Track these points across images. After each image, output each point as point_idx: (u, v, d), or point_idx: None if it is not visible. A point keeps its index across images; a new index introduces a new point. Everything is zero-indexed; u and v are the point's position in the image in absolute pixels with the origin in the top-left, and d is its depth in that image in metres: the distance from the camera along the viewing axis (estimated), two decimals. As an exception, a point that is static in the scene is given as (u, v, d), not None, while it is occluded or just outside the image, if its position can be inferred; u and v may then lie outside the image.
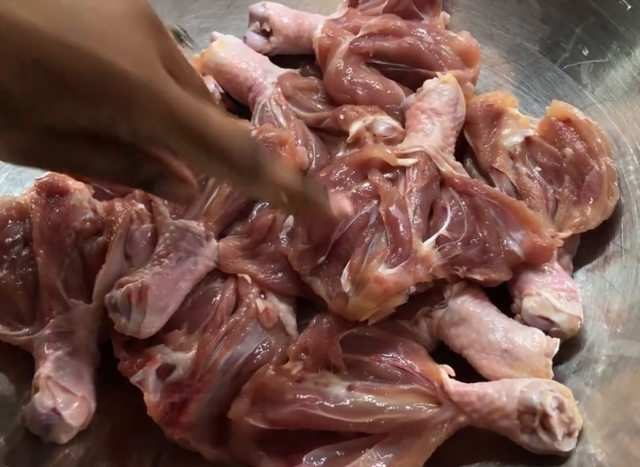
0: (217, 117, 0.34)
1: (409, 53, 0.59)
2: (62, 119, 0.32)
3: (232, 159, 0.35)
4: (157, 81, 0.33)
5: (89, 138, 0.33)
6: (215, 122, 0.34)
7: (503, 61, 0.64)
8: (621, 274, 0.51)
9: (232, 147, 0.35)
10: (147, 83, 0.32)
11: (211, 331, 0.49)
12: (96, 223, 0.53)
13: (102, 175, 0.37)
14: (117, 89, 0.31)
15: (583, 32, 0.60)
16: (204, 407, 0.47)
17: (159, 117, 0.33)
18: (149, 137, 0.33)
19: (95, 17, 0.31)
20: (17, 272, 0.52)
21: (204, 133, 0.34)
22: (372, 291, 0.46)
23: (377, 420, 0.44)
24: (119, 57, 0.31)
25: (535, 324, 0.48)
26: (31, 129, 0.32)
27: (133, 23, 0.33)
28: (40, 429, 0.47)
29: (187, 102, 0.34)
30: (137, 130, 0.33)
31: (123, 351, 0.49)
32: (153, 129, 0.33)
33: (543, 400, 0.42)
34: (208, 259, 0.51)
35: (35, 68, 0.30)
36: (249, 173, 0.36)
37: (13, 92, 0.30)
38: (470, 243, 0.50)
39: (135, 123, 0.32)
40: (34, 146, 0.33)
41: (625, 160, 0.55)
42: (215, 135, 0.34)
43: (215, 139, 0.34)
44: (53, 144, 0.33)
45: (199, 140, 0.34)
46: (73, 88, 0.31)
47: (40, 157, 0.34)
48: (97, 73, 0.31)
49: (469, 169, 0.57)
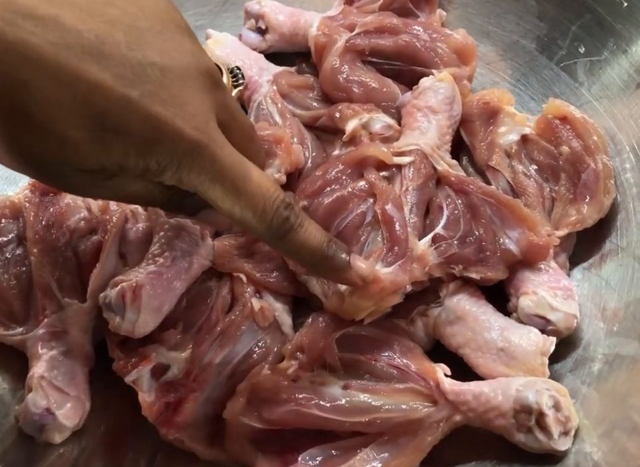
0: (255, 177, 0.37)
1: (405, 50, 0.59)
2: (115, 163, 0.34)
3: (263, 217, 0.38)
4: (211, 143, 0.35)
5: (133, 177, 0.36)
6: (253, 181, 0.37)
7: (500, 58, 0.64)
8: (617, 272, 0.51)
9: (265, 208, 0.38)
10: (202, 144, 0.35)
11: (206, 331, 0.49)
12: (90, 222, 0.53)
13: (146, 204, 0.42)
14: (172, 146, 0.34)
15: (579, 29, 0.60)
16: (199, 406, 0.47)
17: (204, 173, 0.36)
18: (191, 187, 0.36)
19: (161, 77, 0.33)
20: (11, 271, 0.52)
21: (242, 191, 0.37)
22: (368, 290, 0.46)
23: (373, 419, 0.44)
24: (179, 118, 0.34)
25: (531, 323, 0.48)
26: (87, 170, 0.34)
27: (196, 82, 0.35)
28: (34, 429, 0.47)
29: (233, 161, 0.37)
30: (181, 179, 0.36)
31: (117, 351, 0.48)
32: (197, 181, 0.36)
33: (539, 399, 0.42)
34: (203, 258, 0.51)
35: (97, 120, 0.32)
36: (275, 231, 0.38)
37: (75, 139, 0.32)
38: (466, 242, 0.50)
39: (181, 175, 0.35)
40: (89, 183, 0.35)
41: (621, 158, 0.55)
42: (251, 194, 0.37)
43: (250, 197, 0.37)
44: (102, 181, 0.35)
45: (236, 196, 0.37)
46: (130, 140, 0.33)
47: (92, 193, 0.38)
48: (155, 130, 0.33)
49: (465, 167, 0.57)
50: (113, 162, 0.34)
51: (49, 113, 0.31)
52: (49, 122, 0.31)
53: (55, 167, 0.33)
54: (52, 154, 0.33)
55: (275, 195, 0.38)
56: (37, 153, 0.33)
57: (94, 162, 0.33)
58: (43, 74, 0.30)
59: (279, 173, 0.54)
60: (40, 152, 0.33)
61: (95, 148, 0.33)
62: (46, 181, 0.36)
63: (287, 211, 0.38)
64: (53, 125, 0.31)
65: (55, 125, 0.31)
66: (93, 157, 0.33)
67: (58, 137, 0.32)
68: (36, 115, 0.31)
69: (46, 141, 0.32)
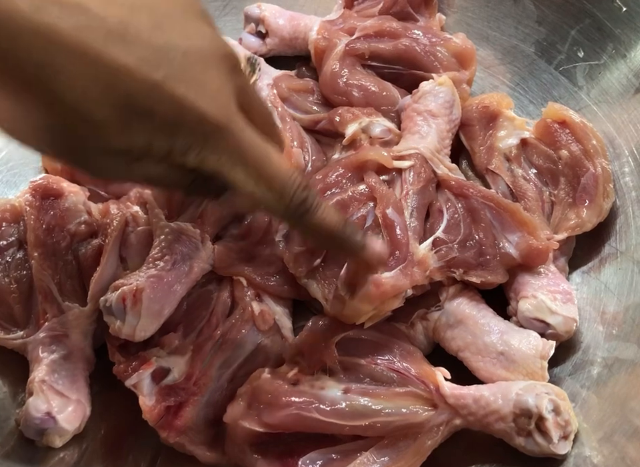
0: (275, 159, 0.38)
1: (404, 54, 0.59)
2: (141, 145, 0.35)
3: (282, 198, 0.39)
4: (232, 124, 0.36)
5: (157, 160, 0.36)
6: (273, 163, 0.38)
7: (499, 62, 0.64)
8: (616, 276, 0.52)
9: (285, 189, 0.38)
10: (224, 125, 0.36)
11: (206, 334, 0.49)
12: (91, 226, 0.53)
13: (169, 187, 0.43)
14: (196, 127, 0.35)
15: (578, 34, 0.60)
16: (199, 410, 0.47)
17: (227, 154, 0.37)
18: (213, 168, 0.37)
19: (183, 59, 0.34)
20: (11, 275, 0.52)
21: (263, 172, 0.38)
22: (369, 293, 0.46)
23: (373, 423, 0.44)
24: (201, 100, 0.34)
25: (530, 326, 0.48)
26: (114, 152, 0.35)
27: (216, 65, 0.36)
28: (34, 433, 0.47)
29: (254, 142, 0.37)
30: (204, 161, 0.36)
31: (117, 355, 0.48)
32: (219, 163, 0.37)
33: (539, 403, 0.42)
34: (203, 262, 0.51)
35: (123, 102, 0.33)
36: (294, 211, 0.39)
37: (103, 121, 0.33)
38: (466, 246, 0.50)
39: (204, 156, 0.36)
40: (115, 166, 0.36)
41: (620, 162, 0.55)
42: (271, 175, 0.38)
43: (270, 178, 0.38)
44: (128, 164, 0.36)
45: (257, 177, 0.38)
46: (155, 122, 0.34)
47: (117, 176, 0.38)
48: (179, 112, 0.34)
49: (465, 171, 0.57)
50: (138, 143, 0.35)
51: (77, 96, 0.32)
52: (78, 105, 0.32)
53: (82, 150, 0.35)
54: (80, 136, 0.34)
55: (293, 176, 0.39)
56: (66, 135, 0.34)
57: (121, 144, 0.34)
58: (69, 58, 0.31)
59: (279, 176, 0.54)
60: (69, 134, 0.34)
61: (122, 130, 0.33)
62: (73, 163, 0.37)
63: (305, 191, 0.39)
64: (81, 107, 0.32)
65: (83, 108, 0.32)
66: (120, 139, 0.34)
67: (86, 119, 0.33)
68: (65, 98, 0.32)
69: (75, 123, 0.33)
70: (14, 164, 0.60)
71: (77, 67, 0.31)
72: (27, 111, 0.33)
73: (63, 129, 0.33)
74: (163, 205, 0.52)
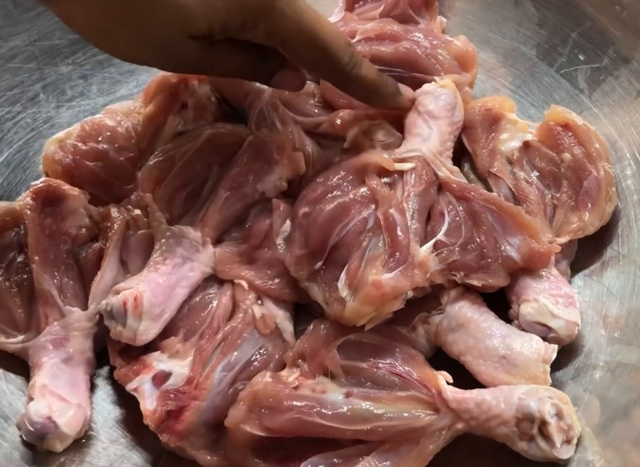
0: (325, 22, 0.47)
1: (405, 57, 0.59)
2: (219, 23, 0.42)
3: (337, 57, 0.47)
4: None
5: (227, 43, 0.45)
6: (326, 25, 0.47)
7: (500, 65, 0.64)
8: (618, 279, 0.51)
9: (338, 47, 0.47)
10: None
11: (207, 338, 0.49)
12: (91, 229, 0.53)
13: (234, 73, 0.50)
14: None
15: (579, 37, 0.60)
16: (200, 414, 0.47)
17: (289, 21, 0.44)
18: (280, 37, 0.45)
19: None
20: (12, 279, 0.52)
21: (318, 34, 0.46)
22: (369, 295, 0.46)
23: (375, 427, 0.44)
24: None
25: (532, 330, 0.48)
26: (195, 36, 0.42)
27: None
28: (35, 438, 0.46)
29: (307, 7, 0.46)
30: (271, 32, 0.44)
31: (118, 359, 0.48)
32: (283, 31, 0.44)
33: (541, 407, 0.42)
34: (204, 265, 0.51)
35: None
36: (346, 67, 0.48)
37: (187, 3, 0.40)
38: (467, 249, 0.50)
39: (272, 27, 0.44)
40: (194, 51, 0.44)
41: (622, 165, 0.55)
42: (325, 36, 0.46)
43: (325, 39, 0.46)
44: (206, 48, 0.44)
45: (314, 39, 0.46)
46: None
47: (192, 64, 0.46)
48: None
49: (467, 173, 0.57)
50: (218, 21, 0.42)
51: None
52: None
53: (168, 37, 0.42)
54: (166, 23, 0.41)
55: (341, 36, 0.47)
56: (154, 24, 0.41)
57: (202, 24, 0.41)
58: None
59: (280, 179, 0.54)
60: (157, 22, 0.40)
61: (203, 9, 0.40)
62: (156, 55, 0.44)
63: (350, 47, 0.48)
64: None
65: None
66: (202, 19, 0.41)
67: (172, 4, 0.40)
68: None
69: (161, 10, 0.40)
70: (14, 167, 0.60)
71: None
72: (114, 9, 0.40)
73: (151, 18, 0.40)
74: (164, 209, 0.52)
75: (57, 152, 0.56)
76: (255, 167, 0.53)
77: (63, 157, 0.56)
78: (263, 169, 0.53)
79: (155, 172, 0.53)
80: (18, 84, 0.63)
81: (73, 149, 0.56)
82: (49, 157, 0.56)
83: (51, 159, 0.56)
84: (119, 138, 0.57)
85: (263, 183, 0.53)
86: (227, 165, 0.54)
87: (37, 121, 0.62)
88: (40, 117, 0.63)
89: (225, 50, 0.45)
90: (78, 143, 0.56)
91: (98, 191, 0.56)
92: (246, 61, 0.48)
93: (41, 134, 0.62)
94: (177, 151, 0.54)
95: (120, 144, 0.57)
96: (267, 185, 0.53)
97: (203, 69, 0.49)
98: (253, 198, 0.53)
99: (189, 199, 0.53)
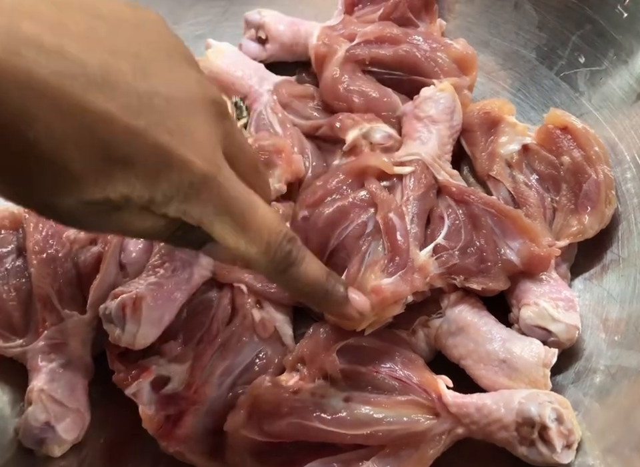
0: (260, 210, 0.37)
1: (405, 60, 0.59)
2: (120, 195, 0.33)
3: (267, 251, 0.37)
4: (218, 174, 0.34)
5: (138, 209, 0.34)
6: (258, 214, 0.37)
7: (499, 68, 0.64)
8: (618, 283, 0.51)
9: (270, 241, 0.37)
10: (209, 175, 0.34)
11: (206, 342, 0.49)
12: (90, 233, 0.53)
13: (150, 238, 0.42)
14: (179, 177, 0.33)
15: (579, 39, 0.60)
16: (199, 419, 0.47)
17: (211, 205, 0.35)
18: (196, 220, 0.35)
19: (167, 106, 0.32)
20: (10, 283, 0.51)
21: (247, 224, 0.36)
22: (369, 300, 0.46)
23: (375, 432, 0.44)
24: (186, 148, 0.33)
25: (532, 334, 0.48)
26: (91, 203, 0.32)
27: (203, 111, 0.34)
28: (33, 443, 0.46)
29: (239, 193, 0.36)
30: (186, 212, 0.35)
31: (117, 363, 0.48)
32: (203, 214, 0.35)
33: (542, 412, 0.42)
34: (203, 269, 0.51)
35: (103, 151, 0.31)
36: (278, 264, 0.38)
37: (81, 170, 0.31)
38: (467, 252, 0.50)
39: (186, 207, 0.34)
40: (92, 217, 0.34)
41: (622, 168, 0.55)
42: (255, 227, 0.36)
43: (255, 231, 0.37)
44: (106, 214, 0.34)
45: (241, 230, 0.36)
46: (136, 171, 0.32)
47: (95, 227, 0.36)
48: (161, 161, 0.32)
49: (466, 177, 0.57)
50: (117, 193, 0.32)
51: (54, 144, 0.30)
52: (55, 153, 0.30)
53: (58, 200, 0.32)
54: (56, 186, 0.31)
55: (279, 228, 0.38)
56: (40, 185, 0.31)
57: (99, 194, 0.32)
58: (47, 104, 0.29)
59: (279, 183, 0.54)
60: (44, 184, 0.31)
61: (100, 179, 0.32)
62: (48, 215, 0.34)
63: (289, 244, 0.38)
64: (58, 156, 0.30)
65: (61, 157, 0.30)
66: (98, 189, 0.32)
67: (63, 169, 0.31)
68: (41, 147, 0.30)
69: (51, 173, 0.31)
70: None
71: (55, 114, 0.29)
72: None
73: (38, 181, 0.31)
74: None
75: (56, 155, 0.56)
76: (255, 170, 0.53)
77: (62, 160, 0.56)
78: (262, 172, 0.53)
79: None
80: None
81: (72, 152, 0.56)
82: (47, 160, 0.56)
83: (50, 162, 0.56)
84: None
85: (262, 186, 0.53)
86: (226, 168, 0.53)
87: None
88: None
89: (135, 216, 0.35)
90: (76, 146, 0.56)
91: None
92: (165, 230, 0.36)
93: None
94: (176, 154, 0.54)
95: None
96: (266, 188, 0.53)
97: (112, 232, 0.42)
98: (253, 201, 0.53)
99: (188, 203, 0.53)
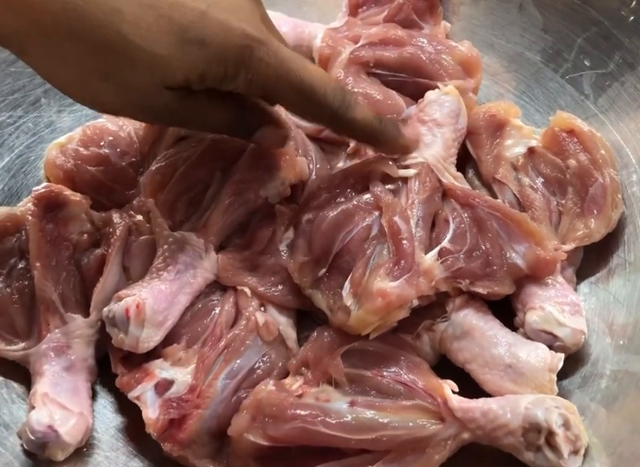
0: (311, 66, 0.45)
1: (409, 62, 0.58)
2: (198, 73, 0.41)
3: (326, 101, 0.44)
4: (270, 40, 0.43)
5: (207, 95, 0.43)
6: (311, 70, 0.44)
7: (504, 70, 0.64)
8: (625, 287, 0.51)
9: (326, 90, 0.44)
10: (264, 40, 0.42)
11: (210, 345, 0.49)
12: (93, 235, 0.52)
13: (214, 126, 0.48)
14: (243, 47, 0.41)
15: (584, 42, 0.60)
16: (203, 423, 0.46)
17: (271, 68, 0.42)
18: (261, 86, 0.43)
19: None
20: (13, 285, 0.51)
21: (304, 80, 0.43)
22: (374, 304, 0.45)
23: (380, 437, 0.44)
24: (243, 22, 0.41)
25: (538, 338, 0.48)
26: (173, 87, 0.41)
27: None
28: (36, 446, 0.46)
29: (291, 54, 0.44)
30: (252, 81, 0.42)
31: (120, 366, 0.48)
32: (266, 78, 0.42)
33: (548, 417, 0.42)
34: (207, 272, 0.51)
35: (180, 34, 0.39)
36: (338, 111, 0.45)
37: (165, 54, 0.39)
38: (472, 256, 0.49)
39: (252, 75, 0.42)
40: (172, 103, 0.42)
41: (628, 171, 0.54)
42: (312, 81, 0.44)
43: (311, 84, 0.44)
44: (183, 100, 0.42)
45: (300, 85, 0.43)
46: (208, 48, 0.40)
47: (171, 116, 0.44)
48: (227, 35, 0.41)
49: (471, 180, 0.56)
50: (196, 72, 0.40)
51: (142, 33, 0.38)
52: (143, 41, 0.38)
53: (146, 89, 0.40)
54: (145, 74, 0.39)
55: (330, 78, 0.45)
56: (132, 76, 0.39)
57: (180, 75, 0.40)
58: (133, 1, 0.38)
59: (282, 185, 0.53)
60: (134, 74, 0.39)
61: (181, 60, 0.39)
62: (136, 108, 0.42)
63: (342, 91, 0.45)
64: (145, 43, 0.38)
65: (148, 43, 0.38)
66: (180, 70, 0.40)
67: (151, 53, 0.39)
68: (132, 37, 0.38)
69: (140, 62, 0.39)
70: (15, 172, 0.60)
71: (138, 7, 0.38)
72: (94, 64, 0.39)
73: (129, 71, 0.39)
74: (166, 214, 0.52)
75: (59, 157, 0.56)
76: (258, 172, 0.53)
77: (65, 161, 0.56)
78: (265, 175, 0.53)
79: (157, 177, 0.53)
80: (19, 88, 0.62)
81: (75, 154, 0.56)
82: (50, 162, 0.56)
83: (53, 163, 0.56)
84: (121, 143, 0.56)
85: (265, 188, 0.53)
86: (229, 171, 0.53)
87: (39, 126, 0.62)
88: (41, 121, 0.62)
89: (205, 102, 0.44)
90: (79, 148, 0.56)
91: (100, 197, 0.55)
92: (226, 115, 0.46)
93: (43, 139, 0.61)
94: (179, 156, 0.53)
95: (122, 149, 0.56)
96: (269, 190, 0.53)
97: (183, 122, 0.47)
98: (256, 204, 0.53)
99: (192, 205, 0.53)
